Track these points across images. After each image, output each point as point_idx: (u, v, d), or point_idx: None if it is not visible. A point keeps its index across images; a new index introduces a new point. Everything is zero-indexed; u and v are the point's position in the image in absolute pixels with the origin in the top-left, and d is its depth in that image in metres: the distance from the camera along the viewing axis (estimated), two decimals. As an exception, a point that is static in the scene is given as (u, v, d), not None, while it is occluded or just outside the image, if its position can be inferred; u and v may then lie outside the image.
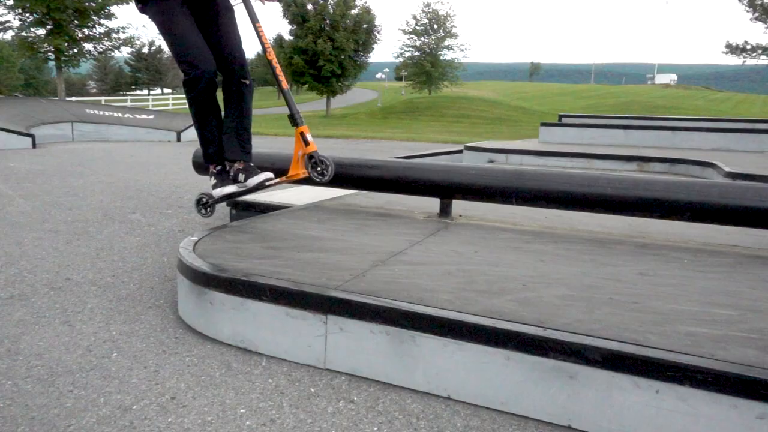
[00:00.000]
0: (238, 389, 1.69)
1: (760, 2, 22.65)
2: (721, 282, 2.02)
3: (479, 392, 1.61)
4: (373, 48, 32.95)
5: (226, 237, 2.52)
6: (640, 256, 2.35)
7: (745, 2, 22.92)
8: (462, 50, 48.76)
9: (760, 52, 23.73)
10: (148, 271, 2.83)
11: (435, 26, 40.56)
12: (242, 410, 1.57)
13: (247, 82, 2.69)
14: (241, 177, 2.68)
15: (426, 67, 39.60)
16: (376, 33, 32.37)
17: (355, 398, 1.65)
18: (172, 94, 57.51)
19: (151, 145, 11.02)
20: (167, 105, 37.83)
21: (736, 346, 1.46)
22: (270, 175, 2.65)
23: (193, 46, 2.49)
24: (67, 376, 1.74)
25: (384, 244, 2.44)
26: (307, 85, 32.62)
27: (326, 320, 1.79)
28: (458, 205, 3.15)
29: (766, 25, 23.02)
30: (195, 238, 2.44)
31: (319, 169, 2.47)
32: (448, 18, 40.29)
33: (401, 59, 42.53)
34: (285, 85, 2.53)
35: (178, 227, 3.79)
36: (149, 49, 65.63)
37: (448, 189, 2.93)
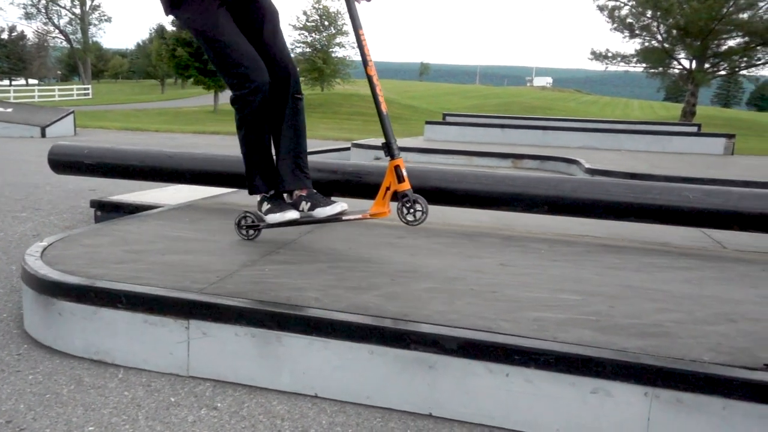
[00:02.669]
0: (88, 405, 1.56)
1: (617, 14, 25.09)
2: (570, 269, 2.20)
3: (345, 388, 1.62)
4: (262, 43, 32.13)
5: (82, 241, 2.32)
6: (503, 248, 2.49)
7: (605, 13, 25.28)
8: (354, 48, 49.09)
9: (619, 59, 26.28)
10: (-8, 282, 2.54)
11: (326, 23, 40.46)
12: (91, 428, 1.46)
13: (301, 97, 2.37)
14: (305, 206, 2.30)
15: (318, 64, 39.38)
16: (265, 27, 31.61)
17: (219, 404, 1.59)
18: (38, 85, 52.49)
19: (9, 142, 9.94)
20: (32, 97, 34.39)
21: (576, 328, 1.59)
22: (344, 206, 2.25)
23: (246, 55, 2.15)
24: None
25: (256, 243, 2.38)
26: (192, 79, 31.15)
27: (188, 325, 1.71)
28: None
29: (623, 35, 25.58)
30: (44, 244, 2.22)
31: (412, 210, 2.10)
32: (339, 15, 40.35)
33: (292, 55, 41.97)
34: (384, 107, 2.13)
35: (33, 232, 3.44)
36: (9, 35, 59.28)
37: (326, 186, 2.92)
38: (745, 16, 23.45)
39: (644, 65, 26.60)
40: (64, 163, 3.30)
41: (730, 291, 2.01)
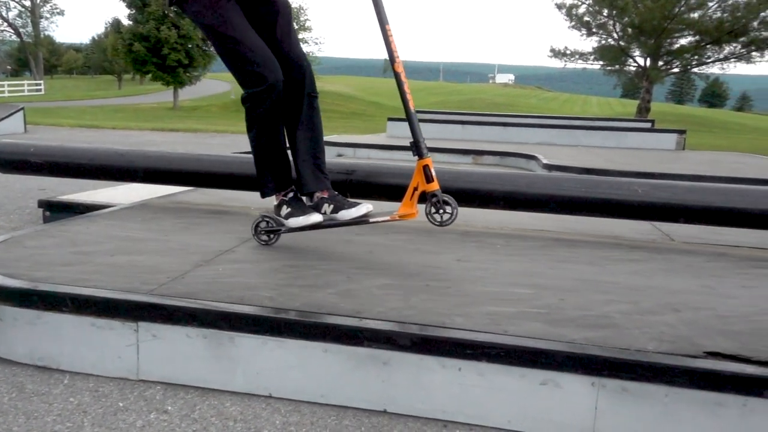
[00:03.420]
0: (30, 414, 1.50)
1: (575, 13, 25.65)
2: (525, 264, 2.24)
3: (300, 387, 1.61)
4: (223, 38, 31.57)
5: (26, 243, 2.23)
6: (460, 244, 2.52)
7: (563, 12, 25.81)
8: (317, 44, 48.77)
9: (577, 57, 26.89)
10: (-70, 287, 2.41)
11: (288, 18, 39.99)
12: (33, 436, 1.41)
13: (316, 95, 2.28)
14: (327, 208, 2.21)
15: (280, 60, 38.90)
16: (225, 22, 31.04)
17: (170, 408, 1.56)
18: (-13, 80, 50.31)
19: (-46, 139, 9.49)
20: (-21, 93, 32.99)
21: (527, 322, 1.62)
22: (370, 207, 2.16)
23: (258, 52, 2.05)
24: None
25: (211, 242, 2.34)
26: (150, 75, 30.38)
27: (137, 328, 1.66)
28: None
29: (580, 33, 26.17)
30: (-15, 246, 2.13)
31: (441, 211, 2.03)
32: (302, 11, 39.99)
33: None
34: (412, 106, 2.04)
35: (-23, 233, 3.29)
36: (-46, 27, 56.57)
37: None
38: (695, 15, 24.30)
39: (601, 63, 27.28)
40: (8, 161, 3.17)
41: (675, 282, 2.07)
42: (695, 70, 27.23)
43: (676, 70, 27.54)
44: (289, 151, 2.32)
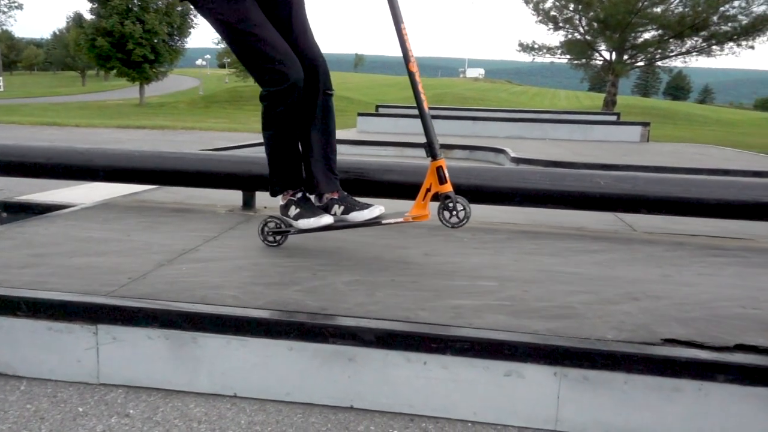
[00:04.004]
0: (-16, 422, 1.46)
1: (542, 7, 25.98)
2: (490, 257, 2.26)
3: (265, 386, 1.59)
4: (189, 32, 31.08)
5: (-21, 246, 2.16)
6: (429, 238, 2.53)
7: (530, 6, 26.11)
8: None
9: (544, 51, 27.25)
10: None
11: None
12: (-13, 446, 1.36)
13: (332, 93, 2.22)
14: (337, 209, 2.18)
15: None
16: (192, 17, 30.53)
17: (131, 411, 1.52)
18: (-59, 77, 48.48)
19: None
20: (-66, 90, 31.77)
21: (491, 314, 1.63)
22: (382, 209, 2.13)
23: (280, 50, 1.98)
24: None
25: (175, 242, 2.29)
26: (115, 71, 29.66)
27: (96, 331, 1.62)
28: (265, 198, 3.09)
29: (548, 28, 26.52)
30: (-65, 250, 2.05)
31: (454, 212, 2.02)
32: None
33: (223, 45, 40.79)
34: (426, 105, 2.01)
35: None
36: None
37: (248, 181, 2.85)
38: (658, 10, 24.86)
39: (568, 57, 27.70)
40: (-38, 162, 3.05)
41: (636, 271, 2.12)
42: (659, 63, 27.89)
43: (640, 63, 28.15)
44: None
